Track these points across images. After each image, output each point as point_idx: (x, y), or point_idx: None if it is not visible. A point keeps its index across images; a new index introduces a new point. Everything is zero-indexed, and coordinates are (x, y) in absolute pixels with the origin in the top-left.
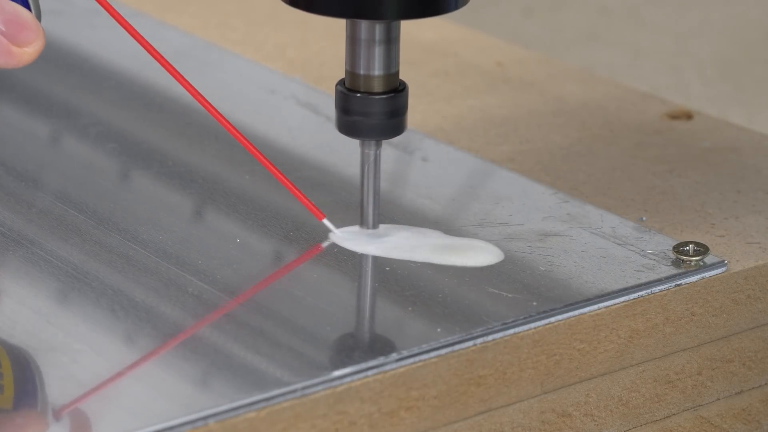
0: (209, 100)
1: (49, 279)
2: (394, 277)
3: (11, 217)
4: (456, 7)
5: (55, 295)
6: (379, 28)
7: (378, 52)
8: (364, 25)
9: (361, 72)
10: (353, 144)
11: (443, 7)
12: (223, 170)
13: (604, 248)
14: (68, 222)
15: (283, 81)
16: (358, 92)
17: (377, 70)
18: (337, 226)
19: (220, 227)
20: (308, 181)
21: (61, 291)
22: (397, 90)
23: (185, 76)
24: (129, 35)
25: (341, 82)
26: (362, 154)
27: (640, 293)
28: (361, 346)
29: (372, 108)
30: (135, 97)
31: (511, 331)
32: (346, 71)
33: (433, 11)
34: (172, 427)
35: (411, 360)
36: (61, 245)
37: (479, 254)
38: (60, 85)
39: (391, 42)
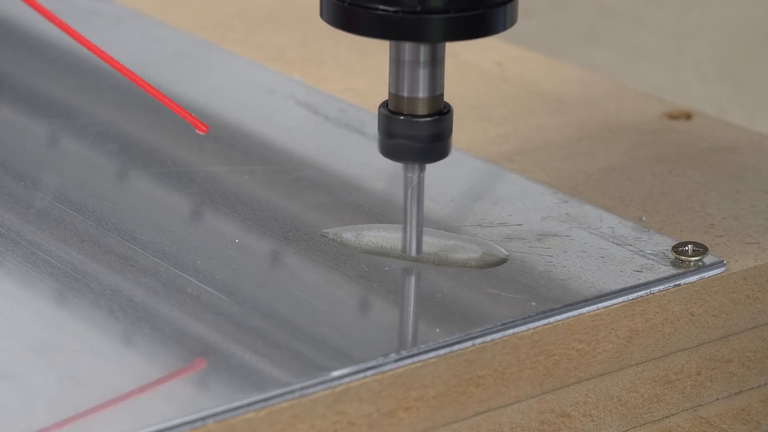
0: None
1: (47, 279)
2: (393, 277)
3: (10, 218)
4: (504, 28)
5: (54, 296)
6: (423, 49)
7: (423, 74)
8: (408, 47)
9: (405, 94)
10: (352, 144)
11: (492, 28)
12: (221, 170)
13: (603, 248)
14: (67, 222)
15: (282, 81)
16: (402, 115)
17: (422, 92)
18: (337, 225)
19: (219, 227)
20: (307, 180)
21: (59, 291)
22: (441, 112)
23: (184, 76)
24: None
25: (384, 104)
26: (405, 177)
27: (639, 293)
28: (359, 346)
29: (416, 131)
30: (134, 97)
31: (510, 331)
32: (390, 93)
33: (482, 33)
34: (170, 428)
35: (410, 360)
36: (60, 245)
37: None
38: (59, 86)
39: (435, 64)
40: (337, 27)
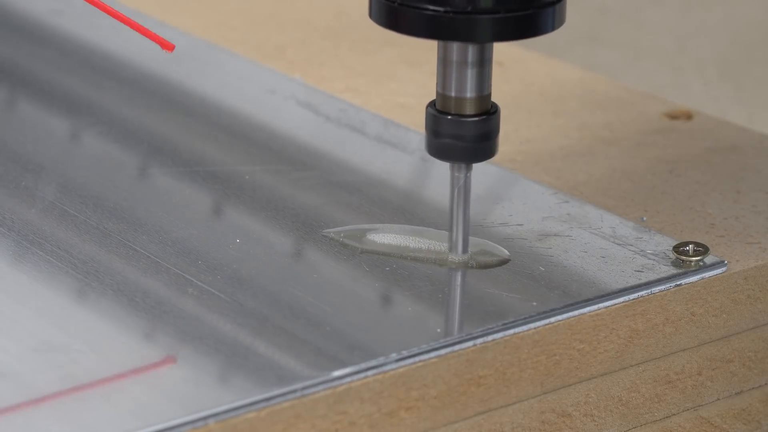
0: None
1: (48, 279)
2: (393, 277)
3: (11, 217)
4: (553, 28)
5: (55, 296)
6: (472, 50)
7: (470, 74)
8: (456, 47)
9: (453, 94)
10: (353, 144)
11: (541, 28)
12: (221, 171)
13: (604, 248)
14: (67, 223)
15: (283, 81)
16: (449, 114)
17: (469, 92)
18: (338, 225)
19: (219, 228)
20: (308, 181)
21: (60, 291)
22: (489, 112)
23: (184, 76)
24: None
25: (432, 104)
26: (452, 177)
27: (640, 293)
28: (360, 346)
29: (464, 130)
30: (135, 97)
31: (511, 331)
32: (437, 93)
33: (530, 33)
34: (171, 428)
35: (411, 360)
36: (61, 245)
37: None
38: (59, 85)
39: (483, 64)
40: (387, 27)
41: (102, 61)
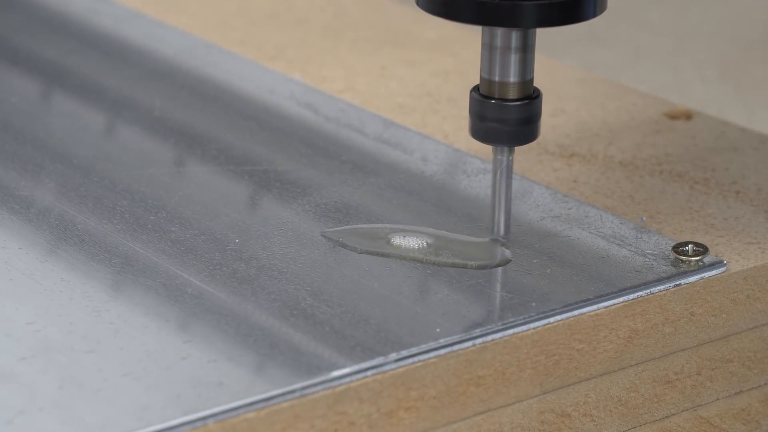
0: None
1: (47, 279)
2: (392, 278)
3: (11, 217)
4: (594, 15)
5: (54, 296)
6: (515, 35)
7: (514, 59)
8: (501, 32)
9: (497, 79)
10: (352, 145)
11: (583, 14)
12: (221, 171)
13: (604, 248)
14: (67, 222)
15: (282, 81)
16: (493, 99)
17: (513, 77)
18: (337, 225)
19: (218, 229)
20: (308, 181)
21: (60, 291)
22: (531, 97)
23: (184, 77)
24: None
25: (476, 89)
26: (494, 160)
27: (640, 293)
28: (360, 346)
29: (507, 114)
30: (135, 98)
31: (511, 331)
32: (481, 78)
33: (573, 19)
34: (171, 428)
35: (410, 360)
36: (61, 245)
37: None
38: (62, 85)
39: (527, 49)
40: (433, 13)
41: (102, 61)
